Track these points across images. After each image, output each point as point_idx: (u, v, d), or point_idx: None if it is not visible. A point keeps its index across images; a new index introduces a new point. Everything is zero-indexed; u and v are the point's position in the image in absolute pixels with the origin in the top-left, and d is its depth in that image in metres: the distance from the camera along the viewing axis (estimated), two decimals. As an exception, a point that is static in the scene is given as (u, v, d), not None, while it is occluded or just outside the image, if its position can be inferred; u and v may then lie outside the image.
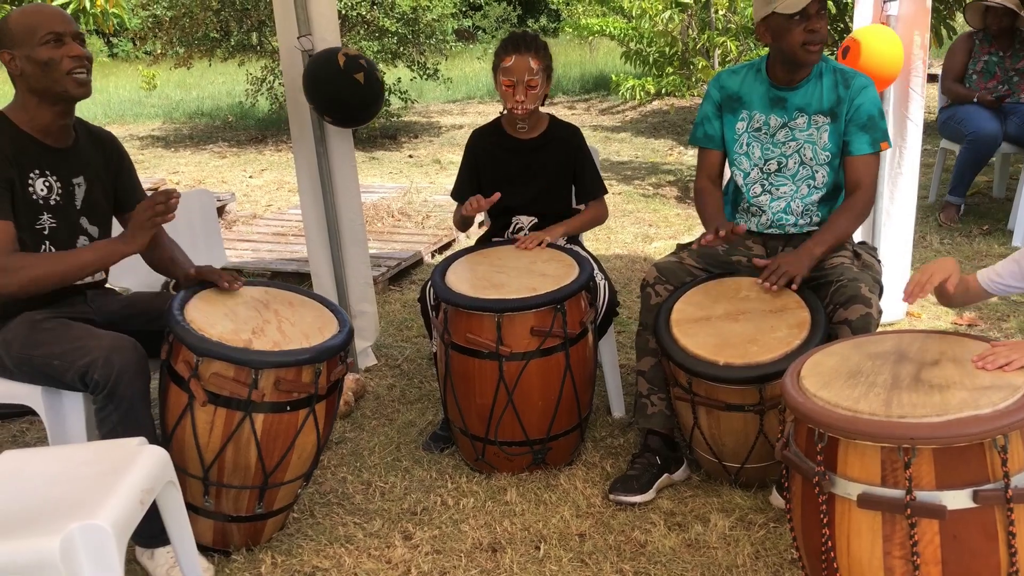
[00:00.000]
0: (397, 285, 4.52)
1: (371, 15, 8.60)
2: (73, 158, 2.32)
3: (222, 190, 6.82)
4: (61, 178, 2.28)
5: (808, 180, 2.67)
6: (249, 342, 2.16)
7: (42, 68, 2.19)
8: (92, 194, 2.37)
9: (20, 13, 2.22)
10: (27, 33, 2.19)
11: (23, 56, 2.19)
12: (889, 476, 1.66)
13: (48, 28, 2.19)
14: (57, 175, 2.27)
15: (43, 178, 2.24)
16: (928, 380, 1.76)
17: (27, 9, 2.23)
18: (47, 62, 2.19)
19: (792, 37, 2.52)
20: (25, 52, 2.19)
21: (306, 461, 2.33)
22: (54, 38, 2.19)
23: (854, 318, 2.33)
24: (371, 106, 3.09)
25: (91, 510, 1.63)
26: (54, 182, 2.26)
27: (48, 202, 2.25)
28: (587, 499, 2.53)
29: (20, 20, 2.20)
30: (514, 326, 2.50)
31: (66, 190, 2.29)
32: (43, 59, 2.19)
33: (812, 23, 2.48)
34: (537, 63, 2.76)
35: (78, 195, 2.33)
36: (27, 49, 2.18)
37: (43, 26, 2.19)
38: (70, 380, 2.12)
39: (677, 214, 5.70)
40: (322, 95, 3.01)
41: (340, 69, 2.95)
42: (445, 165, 7.76)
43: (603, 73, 12.44)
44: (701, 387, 2.38)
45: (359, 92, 2.98)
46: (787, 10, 2.47)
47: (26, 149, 2.22)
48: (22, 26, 2.19)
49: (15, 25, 2.19)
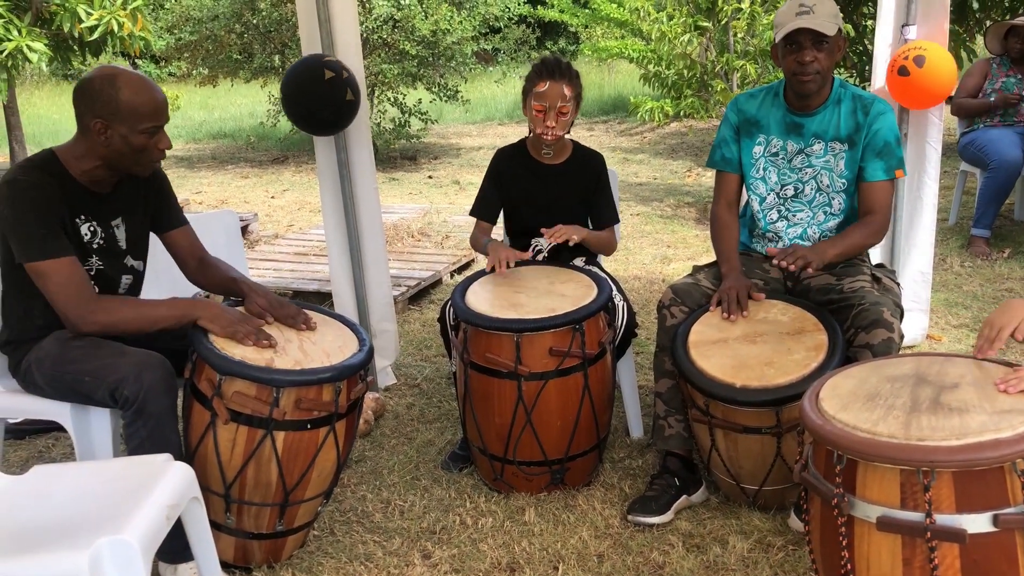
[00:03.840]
0: (416, 305, 4.55)
1: (392, 38, 8.71)
2: (112, 202, 2.36)
3: (245, 210, 6.91)
4: (100, 222, 2.32)
5: (825, 207, 2.68)
6: (271, 361, 2.19)
7: (133, 151, 2.22)
8: (132, 231, 2.41)
9: (132, 91, 2.19)
10: (133, 116, 2.18)
11: (119, 134, 2.19)
12: (909, 499, 1.66)
13: (153, 121, 2.21)
14: (97, 219, 2.31)
15: (88, 223, 2.29)
16: (947, 403, 1.76)
17: (139, 88, 2.20)
18: (141, 149, 2.22)
19: (785, 65, 2.57)
20: (123, 131, 2.19)
21: (326, 479, 2.35)
22: (155, 129, 2.23)
23: (876, 342, 2.33)
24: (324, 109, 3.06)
25: (118, 525, 1.66)
26: (97, 227, 2.31)
27: (91, 246, 2.30)
28: (605, 520, 2.54)
29: (132, 101, 2.18)
30: (533, 346, 2.52)
31: (107, 233, 2.34)
32: (138, 145, 2.21)
33: (802, 55, 2.50)
34: (570, 90, 2.78)
35: (120, 236, 2.38)
36: (125, 129, 2.19)
37: (150, 117, 2.20)
38: (100, 396, 2.16)
39: (695, 235, 5.71)
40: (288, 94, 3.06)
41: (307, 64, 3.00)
42: (464, 186, 7.82)
43: (622, 95, 12.50)
44: (718, 409, 2.38)
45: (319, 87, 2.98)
46: (776, 37, 2.53)
47: (73, 194, 2.25)
48: (130, 107, 2.18)
49: (124, 104, 2.17)
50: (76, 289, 2.18)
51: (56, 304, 2.19)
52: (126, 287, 2.43)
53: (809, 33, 2.47)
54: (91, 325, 2.20)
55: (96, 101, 2.18)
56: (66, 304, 2.18)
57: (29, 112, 10.32)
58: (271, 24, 8.93)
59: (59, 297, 2.18)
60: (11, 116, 8.42)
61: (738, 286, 2.56)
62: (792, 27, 2.47)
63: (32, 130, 10.55)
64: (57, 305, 2.19)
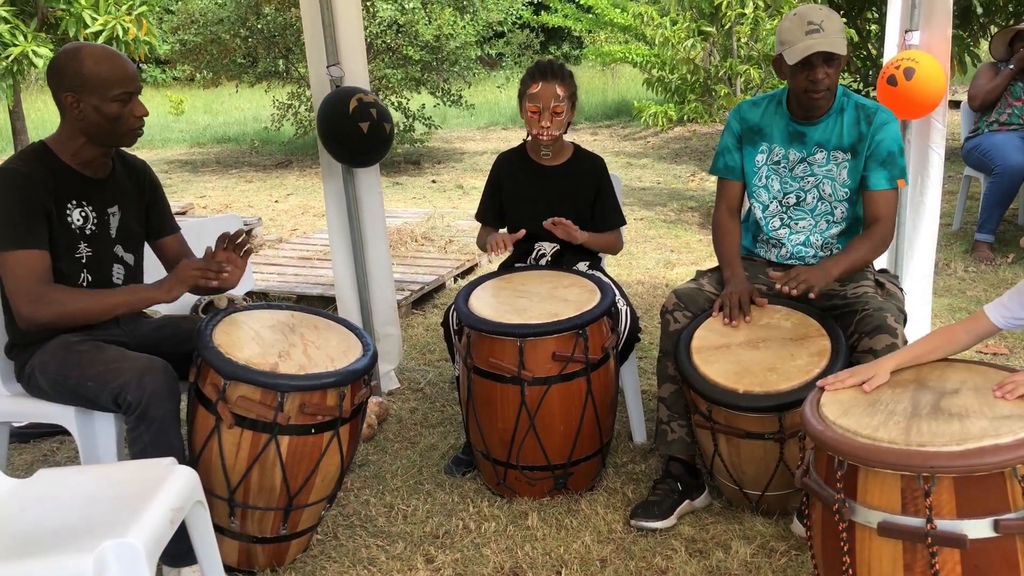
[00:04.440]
0: (420, 309, 4.56)
1: (395, 43, 8.74)
2: (109, 188, 2.38)
3: (249, 214, 6.93)
4: (97, 208, 2.34)
5: (827, 215, 2.69)
6: (275, 365, 2.20)
7: (108, 120, 2.24)
8: (126, 222, 2.43)
9: (95, 61, 2.21)
10: (100, 84, 2.21)
11: (91, 105, 2.22)
12: (909, 504, 1.66)
13: (123, 87, 2.23)
14: (93, 205, 2.33)
15: (80, 208, 2.30)
16: (948, 409, 1.77)
17: (101, 57, 2.23)
18: (116, 117, 2.24)
19: (796, 82, 2.56)
20: (94, 102, 2.21)
21: (330, 483, 2.36)
22: (127, 96, 2.25)
23: (879, 348, 2.33)
24: (368, 154, 3.16)
25: (123, 528, 1.67)
26: (90, 212, 2.33)
27: (84, 231, 2.32)
28: (608, 524, 2.54)
29: (96, 70, 2.20)
30: (536, 351, 2.53)
31: (101, 219, 2.36)
32: (112, 114, 2.23)
33: (814, 73, 2.50)
34: (563, 90, 2.81)
35: (113, 224, 2.40)
36: (96, 99, 2.21)
37: (119, 84, 2.22)
38: (103, 401, 2.17)
39: (699, 240, 5.72)
40: (326, 131, 3.11)
41: (348, 113, 3.03)
42: (468, 190, 7.83)
43: (625, 99, 12.52)
44: (721, 415, 2.39)
45: (359, 139, 3.06)
46: (789, 60, 2.51)
47: (65, 180, 2.28)
48: (96, 76, 2.20)
49: (89, 73, 2.20)
50: (30, 281, 2.18)
51: (10, 298, 2.21)
52: (120, 279, 2.43)
53: (822, 53, 2.48)
54: (41, 315, 2.20)
55: (64, 76, 2.21)
56: (16, 295, 2.19)
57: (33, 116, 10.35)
58: (275, 29, 8.96)
59: (12, 288, 2.19)
60: (16, 121, 8.46)
61: (740, 291, 2.57)
62: (807, 52, 2.45)
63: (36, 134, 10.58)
64: (10, 297, 2.20)
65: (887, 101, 3.13)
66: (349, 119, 3.02)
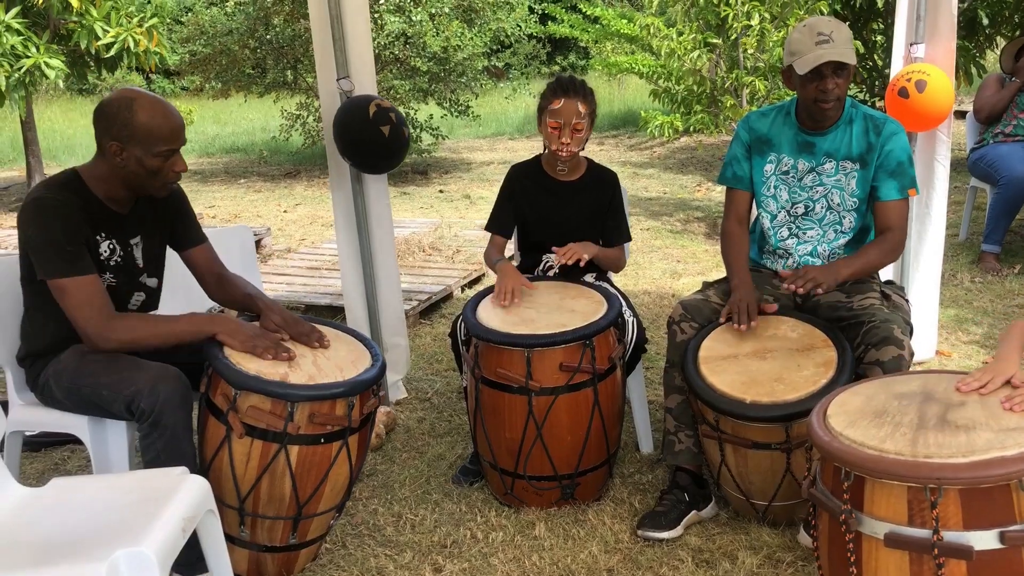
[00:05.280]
0: (427, 319, 4.58)
1: (403, 54, 8.79)
2: (131, 221, 2.40)
3: (257, 224, 6.96)
4: (120, 241, 2.37)
5: (835, 225, 2.70)
6: (285, 376, 2.22)
7: (148, 173, 2.27)
8: (149, 249, 2.46)
9: (149, 115, 2.23)
10: (148, 138, 2.23)
11: (134, 156, 2.24)
12: (916, 516, 1.67)
13: (170, 145, 2.26)
14: (116, 238, 2.36)
15: (108, 241, 2.33)
16: (954, 421, 1.78)
17: (156, 113, 2.24)
18: (156, 171, 2.27)
19: (805, 93, 2.58)
20: (137, 153, 2.24)
21: (339, 493, 2.38)
22: (170, 152, 2.27)
23: (886, 359, 2.34)
24: (391, 158, 3.17)
25: (136, 537, 1.69)
26: (116, 245, 2.36)
27: (109, 263, 2.35)
28: (615, 535, 2.55)
29: (146, 124, 2.22)
30: (543, 361, 2.54)
31: (126, 251, 2.39)
32: (153, 168, 2.26)
33: (825, 83, 2.52)
34: (585, 107, 2.82)
35: (138, 255, 2.43)
36: (140, 151, 2.23)
37: (166, 141, 2.25)
38: (117, 409, 2.20)
39: (705, 250, 5.73)
40: (347, 139, 3.12)
41: (369, 118, 3.05)
42: (475, 200, 7.86)
43: (631, 110, 12.55)
44: (728, 425, 2.40)
45: (381, 143, 3.07)
46: (799, 70, 2.52)
47: (95, 212, 2.30)
48: (146, 131, 2.22)
49: (140, 126, 2.21)
50: (97, 307, 2.22)
51: (76, 321, 2.23)
52: (136, 305, 2.47)
53: (831, 63, 2.50)
54: (110, 342, 2.24)
55: (113, 124, 2.23)
56: (86, 322, 2.22)
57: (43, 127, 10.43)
58: (284, 40, 9.02)
59: (79, 314, 2.22)
60: (28, 131, 8.53)
61: (748, 298, 2.58)
62: (818, 61, 2.48)
63: (47, 144, 10.66)
64: (77, 322, 2.22)
65: (897, 113, 3.14)
66: (370, 123, 3.05)
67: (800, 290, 2.44)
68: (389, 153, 3.13)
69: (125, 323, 2.27)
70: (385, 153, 3.12)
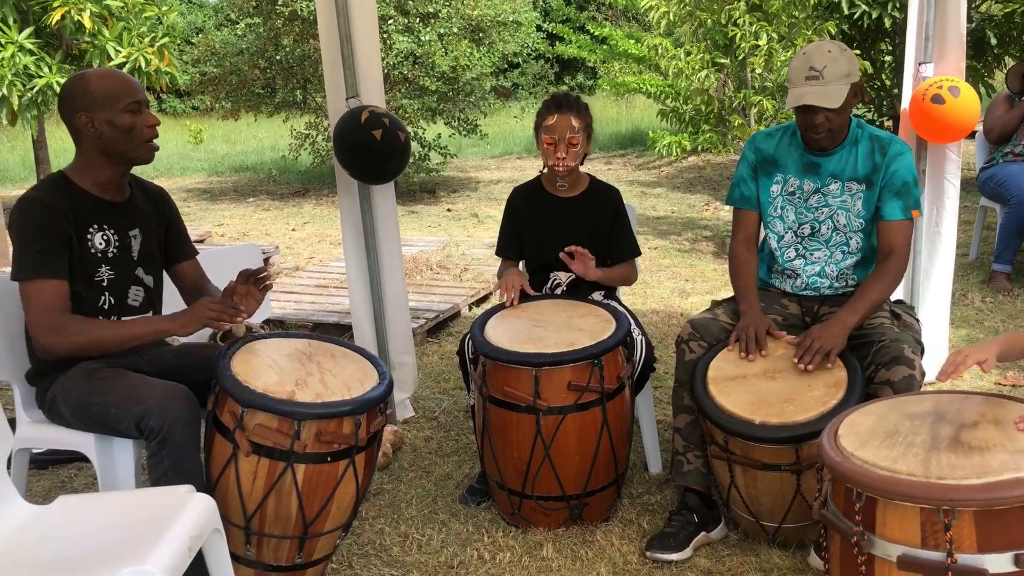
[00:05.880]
0: (435, 337, 4.57)
1: (412, 74, 8.84)
2: (129, 211, 2.43)
3: (266, 242, 6.99)
4: (118, 231, 2.39)
5: (842, 246, 2.69)
6: (292, 394, 2.21)
7: (122, 133, 2.31)
8: (147, 245, 2.48)
9: (100, 78, 2.31)
10: (110, 98, 2.29)
11: (104, 120, 2.29)
12: (929, 538, 1.65)
13: (131, 96, 2.31)
14: (114, 228, 2.38)
15: (101, 232, 2.35)
16: (967, 441, 1.76)
17: (106, 74, 2.34)
18: (129, 128, 2.31)
19: (798, 122, 2.62)
20: (107, 116, 2.29)
21: (345, 512, 2.36)
22: (136, 106, 2.31)
23: (896, 379, 2.32)
24: (384, 162, 3.15)
25: (142, 555, 1.68)
26: (111, 235, 2.37)
27: (106, 254, 2.36)
28: (624, 556, 2.53)
29: (102, 85, 2.30)
30: (551, 380, 2.53)
31: (123, 242, 2.40)
32: (125, 125, 2.30)
33: (813, 118, 2.53)
34: (578, 122, 2.83)
35: (135, 246, 2.44)
36: (108, 114, 2.29)
37: (127, 94, 2.30)
38: (125, 427, 2.19)
39: (713, 269, 5.72)
40: (342, 145, 3.14)
41: (360, 122, 3.08)
42: (483, 219, 7.87)
43: (639, 129, 12.59)
44: (737, 446, 2.38)
45: (374, 147, 3.08)
46: (787, 103, 2.55)
47: (85, 206, 2.33)
48: (104, 91, 2.29)
49: (97, 89, 2.29)
50: (49, 310, 2.22)
51: (29, 323, 2.25)
52: (138, 301, 2.46)
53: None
54: (61, 345, 2.24)
55: (75, 98, 2.29)
56: (36, 324, 2.23)
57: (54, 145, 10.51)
58: (294, 60, 9.09)
59: (31, 317, 2.23)
60: (40, 150, 8.60)
61: (756, 324, 2.56)
62: (798, 102, 2.49)
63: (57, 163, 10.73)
64: (30, 324, 2.24)
65: (927, 123, 3.12)
66: (360, 127, 3.07)
67: (811, 368, 2.42)
68: (383, 157, 3.13)
69: (78, 326, 2.27)
70: (379, 157, 3.12)
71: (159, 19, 7.72)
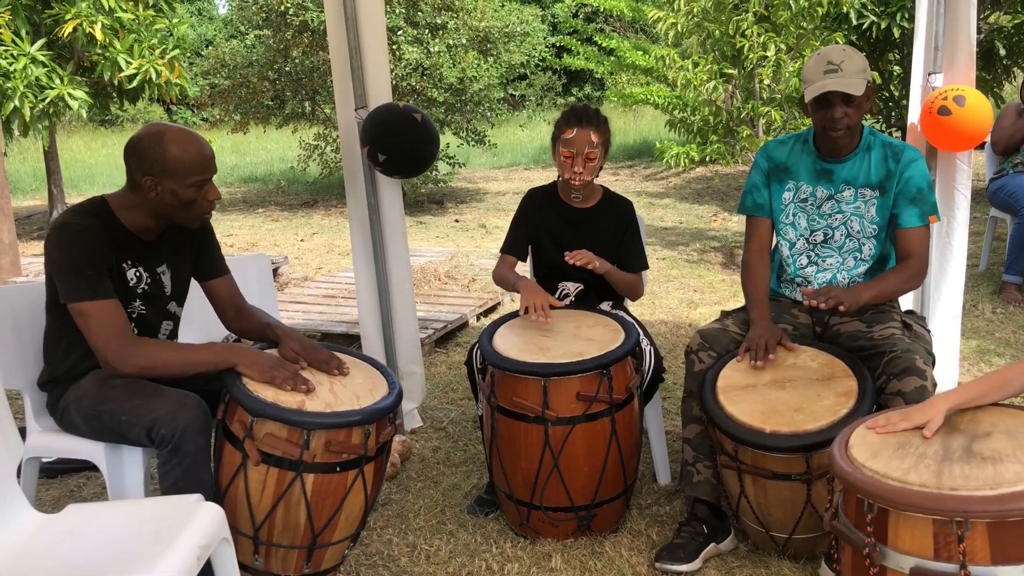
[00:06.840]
0: (443, 347, 4.57)
1: (420, 85, 8.88)
2: (158, 249, 2.42)
3: (275, 253, 7.01)
4: (148, 269, 2.39)
5: (855, 253, 2.68)
6: (302, 403, 2.21)
7: (183, 204, 2.29)
8: (177, 279, 2.48)
9: (179, 148, 2.24)
10: (181, 171, 2.24)
11: (168, 189, 2.26)
12: (942, 550, 1.64)
13: (202, 174, 2.28)
14: (144, 266, 2.37)
15: (134, 269, 2.35)
16: (980, 452, 1.75)
17: (185, 145, 2.25)
18: (190, 202, 2.29)
19: (816, 120, 2.60)
20: (172, 187, 2.26)
21: (354, 522, 2.36)
22: (203, 182, 2.29)
23: (908, 390, 2.31)
24: (428, 143, 3.22)
25: (150, 564, 1.68)
26: (143, 272, 2.37)
27: (138, 290, 2.36)
28: (633, 567, 2.51)
29: (178, 157, 2.23)
30: (560, 391, 2.53)
31: (154, 279, 2.40)
32: (187, 199, 2.28)
33: (832, 111, 2.53)
34: (597, 136, 2.83)
35: (166, 282, 2.44)
36: (175, 184, 2.25)
37: (199, 170, 2.27)
38: (136, 435, 2.19)
39: (722, 280, 5.71)
40: (379, 133, 3.15)
41: (399, 109, 3.15)
42: (490, 230, 7.88)
43: (647, 140, 12.61)
44: (747, 455, 2.37)
45: (417, 129, 3.14)
46: (807, 97, 2.55)
47: (121, 240, 2.32)
48: (178, 164, 2.24)
49: (172, 160, 2.23)
50: (116, 331, 2.23)
51: (95, 345, 2.23)
52: (166, 333, 2.48)
53: (838, 93, 2.51)
54: (128, 367, 2.24)
55: (145, 159, 2.25)
56: (105, 345, 2.23)
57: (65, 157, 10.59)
58: (303, 71, 9.14)
59: (99, 338, 2.22)
60: (51, 161, 8.66)
61: (767, 334, 2.55)
62: (821, 90, 2.49)
63: (69, 174, 10.81)
64: (96, 346, 2.23)
65: (937, 135, 3.11)
66: (401, 112, 3.14)
67: (822, 306, 2.41)
68: (427, 138, 3.19)
69: (145, 349, 2.28)
70: (421, 137, 3.17)
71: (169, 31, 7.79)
